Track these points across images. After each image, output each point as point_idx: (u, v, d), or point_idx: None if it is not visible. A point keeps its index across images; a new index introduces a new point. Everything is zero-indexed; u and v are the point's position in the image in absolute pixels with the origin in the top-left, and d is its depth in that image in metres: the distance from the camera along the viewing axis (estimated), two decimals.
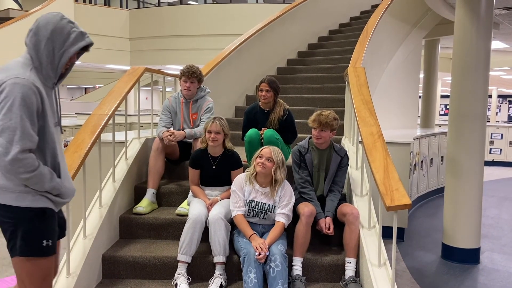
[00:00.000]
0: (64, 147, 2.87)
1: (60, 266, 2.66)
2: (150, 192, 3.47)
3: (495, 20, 6.46)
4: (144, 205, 3.35)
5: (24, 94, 1.71)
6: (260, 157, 2.91)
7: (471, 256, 4.28)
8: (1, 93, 1.71)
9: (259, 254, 2.69)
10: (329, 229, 2.96)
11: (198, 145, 3.45)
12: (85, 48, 1.91)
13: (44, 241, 1.83)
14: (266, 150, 2.93)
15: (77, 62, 2.01)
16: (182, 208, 3.30)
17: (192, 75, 3.69)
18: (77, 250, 2.75)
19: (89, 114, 3.16)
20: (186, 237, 2.85)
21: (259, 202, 2.94)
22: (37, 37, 1.80)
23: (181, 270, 2.83)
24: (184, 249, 2.83)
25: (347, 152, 3.28)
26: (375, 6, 7.86)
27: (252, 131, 3.58)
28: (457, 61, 4.33)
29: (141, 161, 3.78)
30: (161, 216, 3.29)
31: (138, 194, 3.57)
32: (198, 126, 3.76)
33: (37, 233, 1.83)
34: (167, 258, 2.93)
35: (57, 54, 1.81)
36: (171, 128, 3.72)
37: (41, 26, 1.80)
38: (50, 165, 1.86)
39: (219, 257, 2.84)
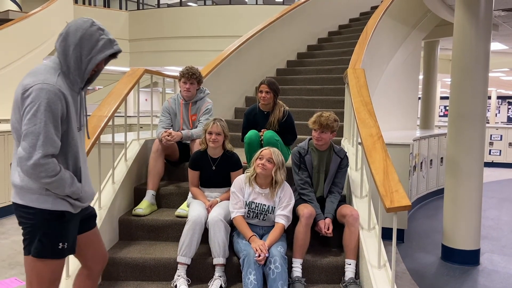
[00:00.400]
0: None
1: None
2: (150, 193, 3.46)
3: (494, 22, 6.46)
4: (143, 207, 3.34)
5: (50, 100, 1.73)
6: (260, 158, 2.91)
7: (471, 258, 4.27)
8: (27, 97, 1.74)
9: (259, 255, 2.68)
10: (328, 229, 2.95)
11: (196, 147, 3.45)
12: (114, 55, 1.92)
13: (60, 244, 1.86)
14: (266, 151, 2.93)
15: None
16: (182, 209, 3.29)
17: (191, 77, 3.69)
18: None
19: (89, 115, 3.16)
20: (185, 238, 2.84)
21: (258, 203, 2.94)
22: (66, 42, 1.82)
23: (181, 272, 2.83)
24: (184, 250, 2.83)
25: (347, 154, 3.28)
26: (374, 8, 7.87)
27: (251, 133, 3.58)
28: (457, 63, 4.34)
29: (140, 162, 3.78)
30: (160, 218, 3.28)
31: (138, 195, 3.56)
32: (196, 127, 3.76)
33: (55, 235, 1.85)
34: (167, 260, 2.93)
35: (84, 60, 1.83)
36: (170, 129, 3.72)
37: (71, 32, 1.82)
38: (72, 169, 1.89)
39: (218, 259, 2.84)
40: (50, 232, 1.84)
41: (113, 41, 1.88)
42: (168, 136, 3.50)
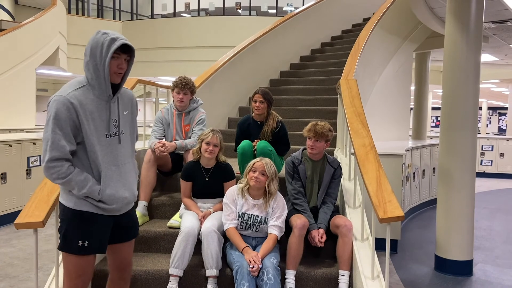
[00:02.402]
0: None
1: (49, 280, 2.62)
2: (142, 204, 3.43)
3: (484, 34, 6.56)
4: None
5: (58, 109, 1.91)
6: (253, 171, 2.89)
7: (464, 268, 4.27)
8: (47, 109, 1.96)
9: (252, 267, 2.66)
10: (322, 238, 2.93)
11: (190, 157, 3.43)
12: (129, 53, 2.00)
13: (80, 242, 2.02)
14: (258, 163, 2.91)
15: (70, 73, 2.08)
16: (174, 220, 3.26)
17: (185, 87, 3.68)
18: None
19: None
20: (178, 250, 2.81)
21: (251, 214, 2.92)
22: (85, 57, 1.99)
23: (173, 284, 2.79)
24: (176, 262, 2.80)
25: (340, 164, 3.28)
26: (366, 20, 7.97)
27: (245, 143, 3.57)
28: (448, 74, 4.38)
29: None
30: (152, 229, 3.25)
31: None
32: (190, 137, 3.74)
33: (74, 233, 2.03)
34: (159, 272, 2.89)
35: (100, 67, 1.96)
36: (163, 140, 3.70)
37: (87, 47, 1.99)
38: (95, 173, 2.03)
39: (211, 270, 2.81)
40: (71, 229, 2.02)
41: (115, 38, 1.94)
42: (162, 147, 3.48)
